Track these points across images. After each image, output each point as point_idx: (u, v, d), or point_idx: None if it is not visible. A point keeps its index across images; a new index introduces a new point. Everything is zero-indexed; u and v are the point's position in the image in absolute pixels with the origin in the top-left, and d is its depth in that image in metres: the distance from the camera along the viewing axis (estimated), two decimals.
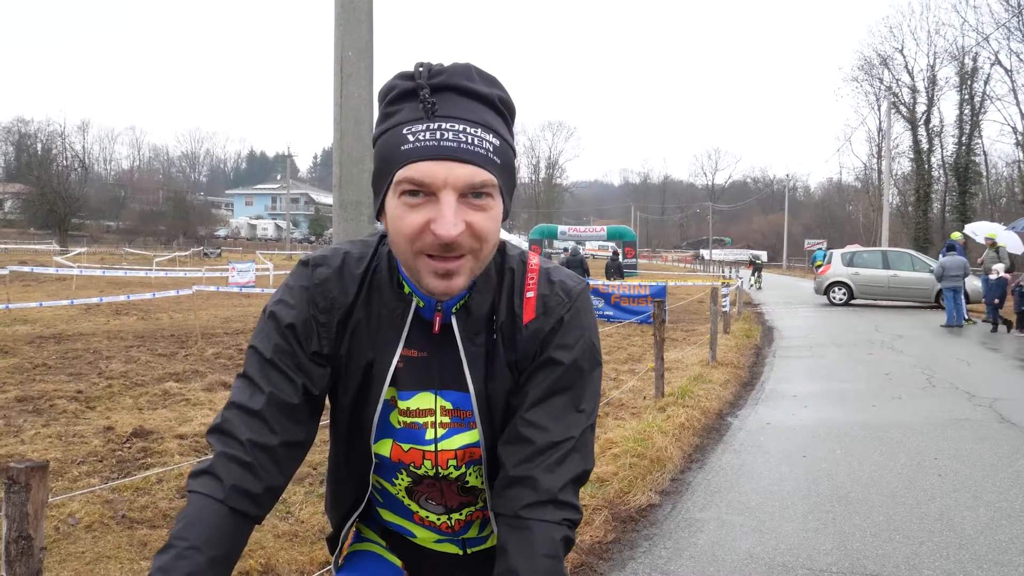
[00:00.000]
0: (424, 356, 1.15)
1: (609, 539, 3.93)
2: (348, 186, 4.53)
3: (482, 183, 1.00)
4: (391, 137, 1.03)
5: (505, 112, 1.08)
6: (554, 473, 1.07)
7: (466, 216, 1.00)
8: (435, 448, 1.17)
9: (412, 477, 1.21)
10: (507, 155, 1.05)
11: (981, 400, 7.51)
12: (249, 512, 1.05)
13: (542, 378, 1.12)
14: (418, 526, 1.29)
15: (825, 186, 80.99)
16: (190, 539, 0.98)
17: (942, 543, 3.85)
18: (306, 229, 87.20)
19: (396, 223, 1.02)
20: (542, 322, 1.13)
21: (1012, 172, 40.36)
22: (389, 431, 1.19)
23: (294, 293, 1.14)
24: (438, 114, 1.00)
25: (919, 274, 19.46)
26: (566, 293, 1.15)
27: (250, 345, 1.14)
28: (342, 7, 4.48)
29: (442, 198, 0.99)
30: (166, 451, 5.20)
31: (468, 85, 1.03)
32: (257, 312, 15.69)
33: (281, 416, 1.08)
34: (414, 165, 0.99)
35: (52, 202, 52.28)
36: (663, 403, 6.86)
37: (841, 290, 20.16)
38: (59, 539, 3.63)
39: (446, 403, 1.16)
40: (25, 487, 1.83)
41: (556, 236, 42.98)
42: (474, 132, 1.01)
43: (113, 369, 8.40)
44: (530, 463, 1.07)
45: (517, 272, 1.16)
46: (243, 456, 1.05)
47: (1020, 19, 33.20)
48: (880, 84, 43.47)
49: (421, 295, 1.12)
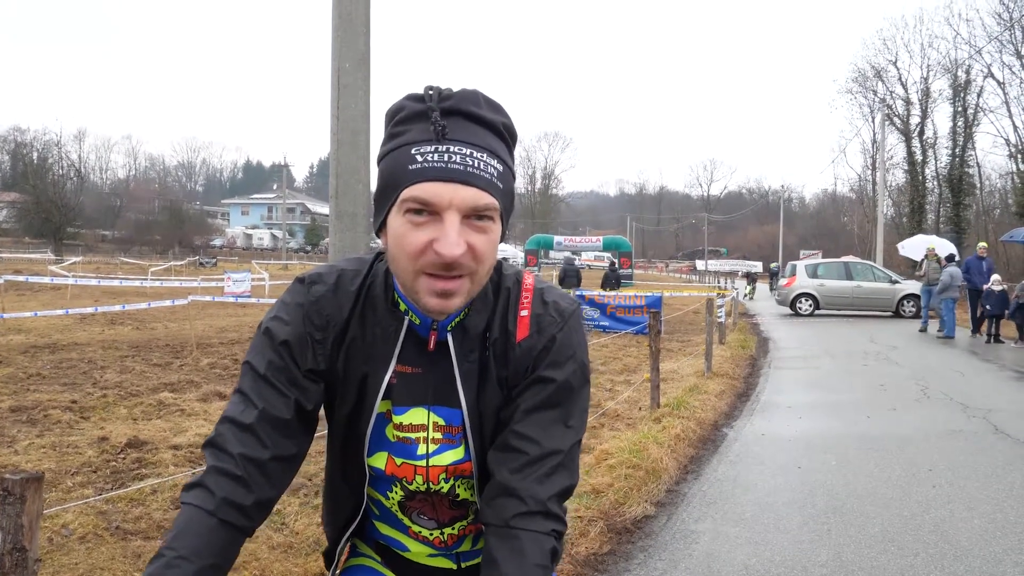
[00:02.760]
0: (418, 372, 1.17)
1: (604, 551, 3.93)
2: (344, 197, 4.55)
3: (485, 206, 1.03)
4: (399, 156, 1.05)
5: (508, 139, 1.11)
6: (543, 485, 1.09)
7: (468, 237, 1.03)
8: (426, 464, 1.19)
9: (405, 492, 1.23)
10: (508, 181, 1.09)
11: (975, 411, 7.53)
12: (239, 524, 1.07)
13: (533, 394, 1.14)
14: (412, 540, 1.30)
15: (820, 197, 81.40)
16: (179, 549, 1.00)
17: (937, 554, 3.85)
18: (302, 239, 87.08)
19: (399, 240, 1.04)
20: (535, 340, 1.16)
21: (1005, 184, 40.59)
22: (384, 444, 1.21)
23: (290, 310, 1.16)
24: (447, 137, 1.03)
25: (880, 284, 20.62)
26: (559, 313, 1.18)
27: (245, 361, 1.16)
28: (339, 19, 4.51)
29: (446, 218, 1.01)
30: (160, 462, 5.18)
31: (475, 111, 1.06)
32: (253, 322, 15.73)
33: (273, 431, 1.10)
34: (421, 185, 1.01)
35: (48, 211, 52.17)
36: (658, 414, 6.86)
37: (807, 301, 20.84)
38: (53, 550, 3.61)
39: (438, 419, 1.18)
40: (20, 499, 1.83)
41: (552, 246, 43.02)
42: (480, 157, 1.04)
43: (108, 379, 8.37)
44: (520, 474, 1.09)
45: (512, 291, 1.19)
46: (234, 470, 1.07)
47: (1012, 33, 33.50)
48: (874, 96, 43.75)
49: (417, 312, 1.14)
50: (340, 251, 4.54)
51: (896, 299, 20.20)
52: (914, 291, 20.27)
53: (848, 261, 23.29)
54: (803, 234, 73.23)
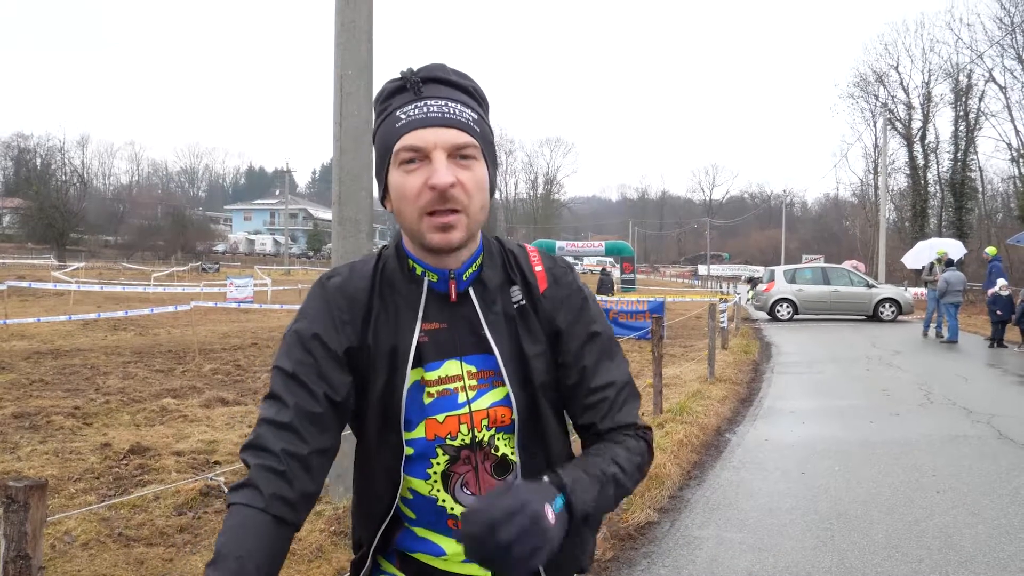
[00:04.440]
0: (444, 328, 1.25)
1: (608, 557, 3.92)
2: (347, 203, 4.55)
3: (465, 143, 1.17)
4: (387, 123, 1.19)
5: (478, 99, 1.24)
6: (625, 411, 1.29)
7: (456, 173, 1.15)
8: (469, 410, 1.24)
9: (449, 454, 1.24)
10: (485, 130, 1.22)
11: (979, 416, 7.52)
12: (289, 519, 1.11)
13: (591, 349, 1.30)
14: (450, 538, 1.27)
15: (822, 202, 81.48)
16: (239, 550, 1.04)
17: (941, 560, 3.84)
18: (304, 244, 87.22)
19: (400, 189, 1.17)
20: (555, 290, 1.31)
21: (1008, 188, 40.50)
22: (422, 412, 1.24)
23: (312, 307, 1.25)
24: (424, 96, 1.18)
25: (857, 288, 20.90)
26: (564, 266, 1.36)
27: (274, 366, 1.21)
28: (342, 26, 4.53)
29: (434, 157, 1.15)
30: (163, 468, 5.18)
31: (445, 76, 1.22)
32: (256, 328, 15.75)
33: (309, 425, 1.16)
34: (408, 135, 1.15)
35: (51, 217, 52.36)
36: (661, 419, 6.85)
37: (786, 306, 21.00)
38: (55, 557, 3.62)
39: (471, 367, 1.25)
40: (24, 506, 1.83)
41: (554, 251, 42.82)
42: (455, 106, 1.19)
43: (110, 385, 8.39)
44: (610, 416, 1.27)
45: (518, 253, 1.34)
46: (277, 466, 1.12)
47: (1014, 37, 33.51)
48: (876, 101, 43.70)
49: (433, 269, 1.23)
50: (343, 257, 4.54)
51: (873, 303, 20.46)
52: (891, 295, 20.83)
53: (825, 266, 23.91)
54: (805, 239, 73.25)
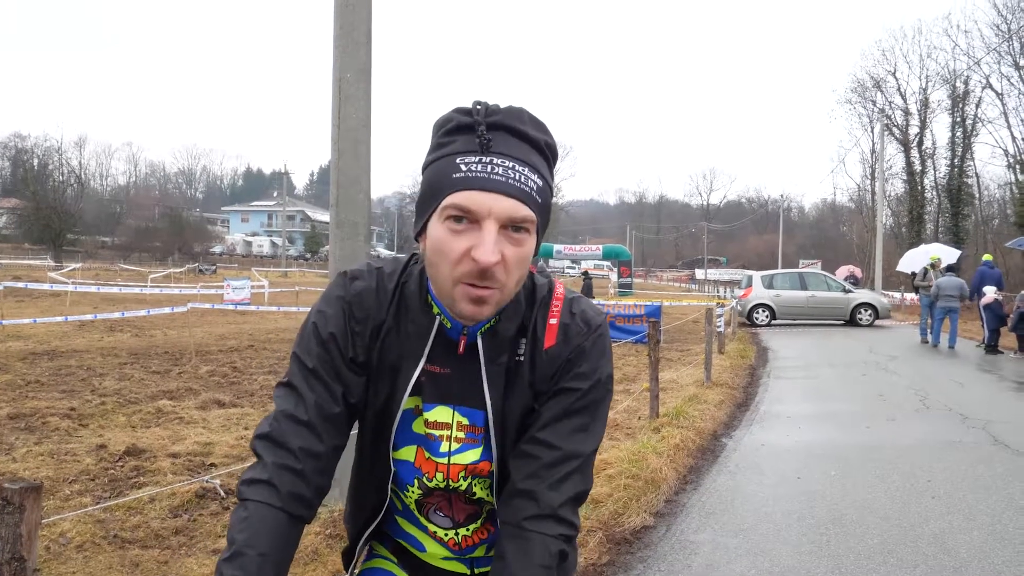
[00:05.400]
0: (446, 372, 1.22)
1: (603, 561, 3.92)
2: (345, 206, 4.55)
3: (523, 218, 1.07)
4: (443, 165, 1.09)
5: (549, 157, 1.15)
6: (557, 490, 1.14)
7: (503, 247, 1.06)
8: (448, 462, 1.24)
9: (423, 489, 1.27)
10: (546, 196, 1.12)
11: (975, 422, 7.53)
12: (303, 515, 1.14)
13: (556, 403, 1.20)
14: (430, 538, 1.34)
15: (819, 206, 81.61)
16: (258, 547, 1.06)
17: (936, 566, 3.85)
18: (302, 246, 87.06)
19: (439, 246, 1.08)
20: (561, 349, 1.21)
21: (1004, 194, 40.70)
22: (412, 438, 1.25)
23: (332, 303, 1.22)
24: (491, 149, 1.07)
25: (834, 294, 21.27)
26: (586, 324, 1.24)
27: (294, 352, 1.21)
28: (341, 30, 4.53)
29: (484, 226, 1.05)
30: (159, 470, 5.17)
31: (520, 127, 1.11)
32: (252, 330, 15.74)
33: (326, 423, 1.17)
34: (463, 193, 1.05)
35: (47, 217, 52.20)
36: (658, 424, 6.85)
37: (764, 311, 21.24)
38: (50, 559, 3.61)
39: (462, 418, 1.23)
40: (19, 508, 1.83)
41: (552, 255, 43.02)
42: (522, 170, 1.08)
43: (106, 386, 8.37)
44: (536, 478, 1.15)
45: (544, 299, 1.24)
46: (295, 464, 1.13)
47: (1010, 44, 33.63)
48: (873, 106, 43.78)
49: (448, 316, 1.18)
50: (340, 260, 4.54)
51: (850, 308, 20.84)
52: (867, 300, 21.19)
53: (802, 271, 24.43)
54: (802, 243, 73.29)
